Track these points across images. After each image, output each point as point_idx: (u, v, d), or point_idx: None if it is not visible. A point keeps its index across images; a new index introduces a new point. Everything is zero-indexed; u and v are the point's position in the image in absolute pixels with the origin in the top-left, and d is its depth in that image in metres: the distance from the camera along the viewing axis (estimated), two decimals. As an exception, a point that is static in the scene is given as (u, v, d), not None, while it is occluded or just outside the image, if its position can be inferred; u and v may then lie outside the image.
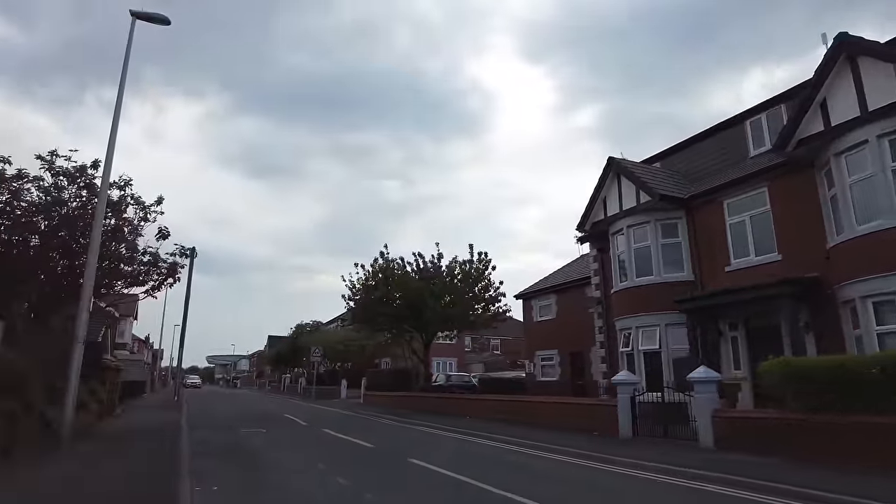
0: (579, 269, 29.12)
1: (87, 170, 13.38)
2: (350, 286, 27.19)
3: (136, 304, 57.64)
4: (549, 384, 27.52)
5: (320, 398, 40.45)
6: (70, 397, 10.43)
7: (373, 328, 27.98)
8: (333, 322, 63.48)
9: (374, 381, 35.60)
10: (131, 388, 30.89)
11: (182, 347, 36.01)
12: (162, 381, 70.11)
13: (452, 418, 21.14)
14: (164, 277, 14.74)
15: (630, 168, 20.24)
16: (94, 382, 16.08)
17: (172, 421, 19.18)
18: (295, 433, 15.95)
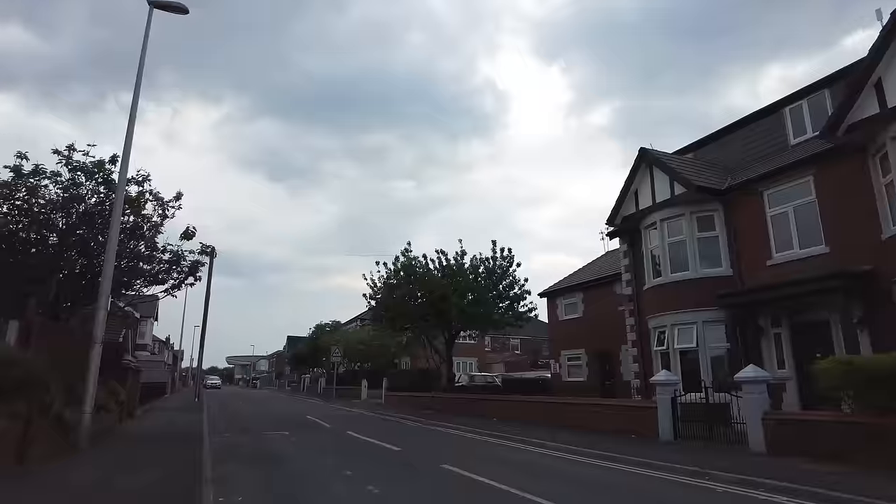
0: (606, 266, 28.33)
1: (105, 165, 12.99)
2: (371, 285, 26.66)
3: (157, 305, 58.01)
4: (576, 385, 26.79)
5: (340, 399, 40.05)
6: (88, 400, 9.99)
7: (394, 327, 27.41)
8: (352, 322, 63.18)
9: (395, 381, 35.09)
10: (152, 389, 30.69)
11: (202, 348, 35.82)
12: (182, 382, 70.41)
13: (479, 420, 20.50)
14: (184, 276, 14.32)
15: (663, 159, 19.47)
16: (113, 384, 15.69)
17: (194, 423, 18.79)
18: (319, 436, 15.42)
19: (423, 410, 25.88)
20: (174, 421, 19.60)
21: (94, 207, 13.00)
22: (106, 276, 10.38)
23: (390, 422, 21.34)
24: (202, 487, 7.55)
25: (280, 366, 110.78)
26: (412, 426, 19.61)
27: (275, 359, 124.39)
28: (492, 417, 21.28)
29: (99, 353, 10.20)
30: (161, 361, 53.04)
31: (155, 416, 21.78)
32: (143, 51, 11.83)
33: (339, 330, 57.31)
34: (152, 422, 19.22)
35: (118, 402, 16.19)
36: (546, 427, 17.27)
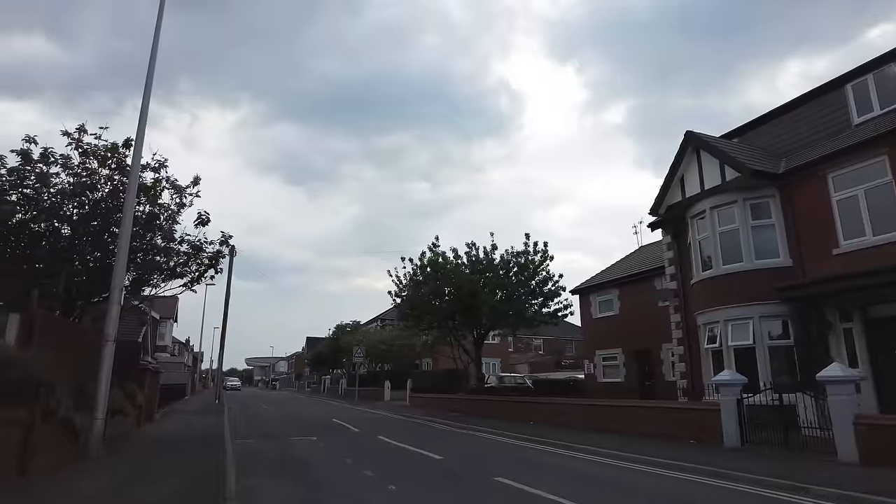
0: (643, 261, 26.99)
1: (119, 149, 12.03)
2: (396, 282, 25.58)
3: (176, 305, 57.55)
4: (613, 386, 25.48)
5: (363, 400, 39.06)
6: (100, 403, 9.00)
7: (420, 326, 26.29)
8: (373, 322, 62.26)
9: (420, 382, 34.01)
10: (172, 391, 29.92)
11: (223, 349, 35.01)
12: (202, 384, 70.06)
13: (514, 423, 19.32)
14: (204, 269, 13.29)
15: (712, 142, 18.14)
16: (131, 386, 14.78)
17: (215, 427, 17.84)
18: (350, 442, 14.34)
19: (451, 412, 24.74)
20: (194, 425, 18.67)
21: (108, 197, 12.05)
22: (119, 267, 9.41)
23: (421, 425, 20.22)
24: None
25: (299, 367, 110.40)
26: (444, 430, 18.47)
27: (294, 360, 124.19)
28: (527, 420, 20.08)
29: (112, 351, 9.22)
30: (181, 363, 52.56)
31: (174, 420, 20.90)
32: (158, 24, 10.90)
33: (360, 330, 56.36)
34: (172, 425, 18.31)
35: (135, 406, 15.28)
36: (590, 431, 16.07)
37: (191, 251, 12.74)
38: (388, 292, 25.79)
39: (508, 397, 24.87)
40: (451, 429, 18.76)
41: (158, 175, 12.55)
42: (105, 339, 9.16)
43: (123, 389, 13.98)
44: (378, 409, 29.95)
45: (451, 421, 21.03)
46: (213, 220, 12.79)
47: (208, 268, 13.08)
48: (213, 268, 13.20)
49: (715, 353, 16.86)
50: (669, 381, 23.08)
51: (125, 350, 15.66)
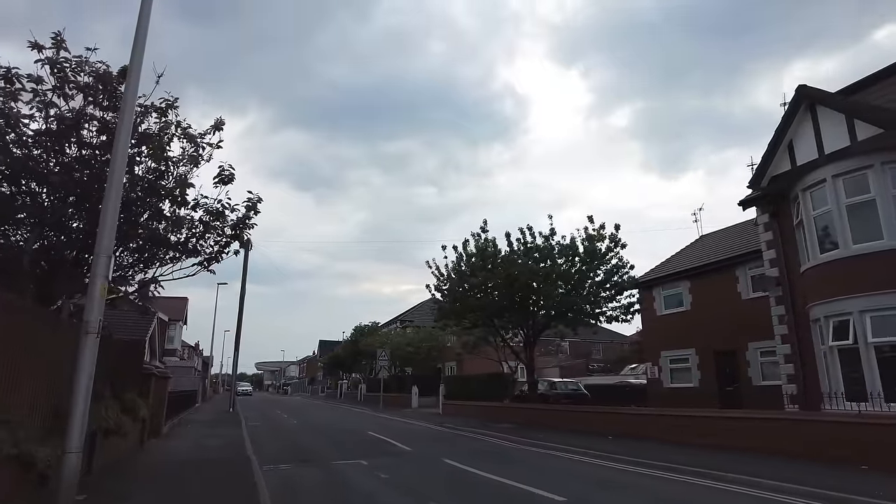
0: (715, 249, 23.73)
1: (112, 79, 8.95)
2: (437, 273, 22.37)
3: (186, 307, 54.61)
4: (684, 392, 22.20)
5: (388, 407, 35.91)
6: (75, 429, 5.89)
7: (462, 324, 23.04)
8: (391, 324, 59.15)
9: (455, 388, 30.77)
10: (182, 398, 26.88)
11: (237, 351, 31.96)
12: (213, 389, 67.15)
13: (585, 437, 16.19)
14: (225, 242, 10.03)
15: (832, 98, 14.96)
16: (131, 397, 11.70)
17: (234, 444, 14.75)
18: (412, 468, 11.18)
19: (499, 423, 21.55)
20: (210, 441, 15.59)
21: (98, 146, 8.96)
22: (105, 225, 6.34)
23: (477, 440, 17.03)
24: None
25: (311, 371, 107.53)
26: (512, 447, 15.28)
27: (305, 364, 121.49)
28: (600, 433, 16.90)
29: (94, 349, 6.11)
30: (191, 367, 49.53)
31: (185, 433, 17.83)
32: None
33: (381, 332, 53.24)
34: (182, 442, 15.23)
35: (137, 420, 12.20)
36: (695, 448, 12.97)
37: (209, 219, 9.56)
38: (427, 286, 22.62)
39: (568, 407, 21.67)
40: (518, 445, 15.59)
41: (166, 119, 9.43)
42: (85, 330, 6.07)
43: (121, 401, 10.90)
44: (410, 419, 26.80)
45: (507, 434, 17.91)
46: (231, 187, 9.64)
47: (231, 240, 9.86)
48: (237, 239, 9.92)
49: (845, 352, 13.65)
50: (759, 385, 19.83)
51: (125, 351, 12.63)
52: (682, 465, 10.67)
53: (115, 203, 6.59)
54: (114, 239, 6.62)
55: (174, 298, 53.42)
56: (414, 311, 60.07)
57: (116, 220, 6.68)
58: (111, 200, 6.55)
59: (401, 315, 61.20)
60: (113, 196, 6.58)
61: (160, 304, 41.81)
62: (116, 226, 6.81)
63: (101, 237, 6.45)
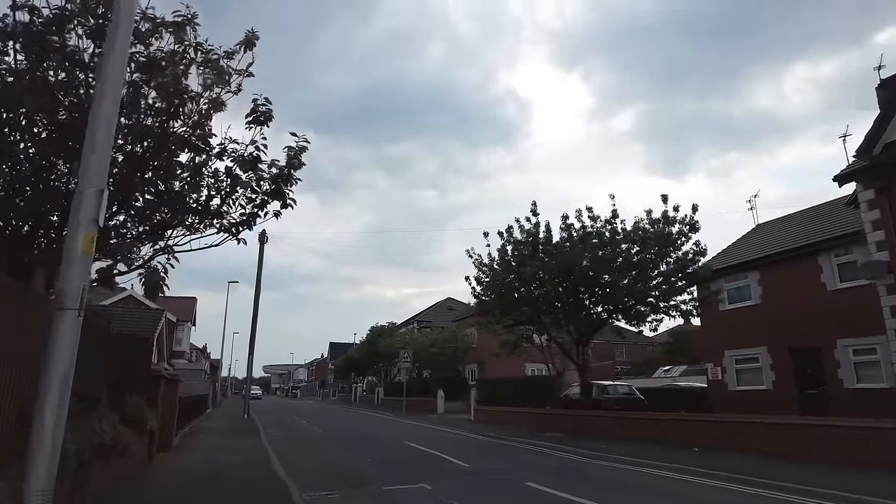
0: (783, 238, 21.29)
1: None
2: (478, 264, 19.97)
3: (195, 307, 52.41)
4: (755, 395, 19.76)
5: (411, 412, 33.56)
6: (42, 450, 3.59)
7: (504, 320, 20.62)
8: (408, 324, 56.81)
9: (485, 392, 28.35)
10: (193, 404, 24.64)
11: (252, 353, 29.62)
12: (223, 393, 64.96)
13: (663, 449, 13.94)
14: (262, 200, 7.46)
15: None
16: (137, 403, 9.43)
17: (258, 459, 12.44)
18: (493, 497, 8.84)
19: (546, 432, 19.18)
20: (228, 455, 13.29)
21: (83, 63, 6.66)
22: (96, 144, 4.07)
23: (540, 454, 14.64)
24: None
25: (321, 374, 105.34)
26: (586, 462, 12.90)
27: (314, 367, 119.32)
28: (687, 445, 14.49)
29: (74, 330, 3.81)
30: (201, 370, 47.36)
31: (199, 445, 15.53)
32: None
33: (399, 333, 50.90)
34: (196, 457, 12.93)
35: (145, 432, 9.91)
36: (834, 468, 10.54)
37: (238, 173, 7.17)
38: (466, 278, 20.26)
39: (623, 413, 19.25)
40: (590, 460, 13.21)
41: (183, 40, 7.09)
42: (60, 304, 3.79)
43: (123, 410, 8.62)
44: (441, 425, 24.45)
45: (564, 445, 15.63)
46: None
47: (269, 198, 7.41)
48: (277, 197, 7.45)
49: None
50: (853, 388, 17.36)
51: (128, 349, 10.36)
52: (824, 488, 8.45)
53: (108, 111, 4.28)
54: (106, 167, 4.30)
55: (182, 298, 51.27)
56: (431, 312, 57.76)
57: (111, 138, 4.38)
58: (104, 107, 4.25)
59: (417, 315, 58.90)
60: (107, 101, 4.28)
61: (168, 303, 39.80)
62: (111, 154, 4.53)
63: (88, 163, 4.15)
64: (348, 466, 11.95)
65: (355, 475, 10.72)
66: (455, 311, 54.08)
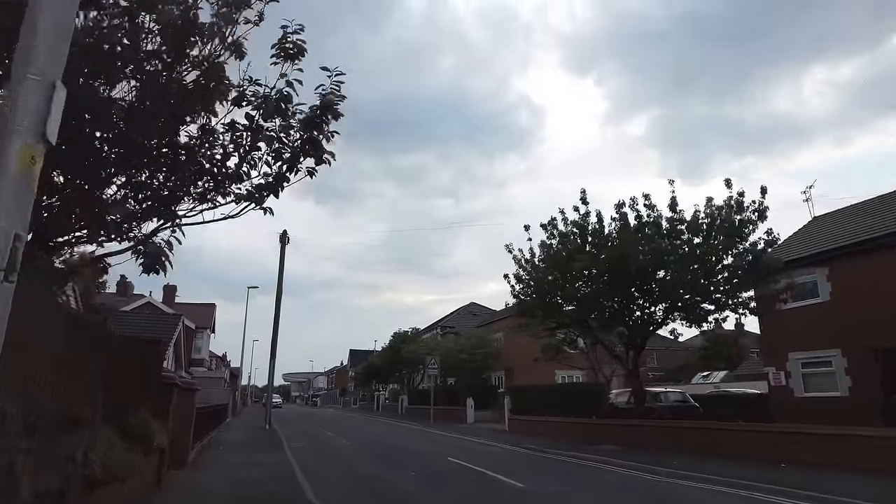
0: (847, 230, 19.36)
1: None
2: (520, 259, 18.27)
3: (214, 313, 51.29)
4: (827, 402, 17.83)
5: (439, 422, 31.87)
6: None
7: (546, 323, 18.89)
8: (430, 330, 55.19)
9: (521, 400, 26.57)
10: (212, 414, 23.23)
11: (273, 359, 28.21)
12: (243, 402, 63.84)
13: (743, 465, 12.18)
14: (292, 153, 5.71)
15: None
16: (143, 419, 7.93)
17: (285, 481, 10.87)
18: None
19: (598, 444, 17.37)
20: (250, 474, 11.77)
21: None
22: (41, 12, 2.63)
23: (601, 471, 12.92)
24: None
25: (341, 382, 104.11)
26: (652, 480, 11.18)
27: (334, 375, 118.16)
28: (770, 461, 12.66)
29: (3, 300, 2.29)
30: (220, 378, 46.11)
31: (217, 461, 14.02)
32: None
33: (423, 338, 49.31)
34: (214, 476, 11.41)
35: (151, 452, 8.39)
36: None
37: (261, 123, 5.56)
38: (505, 276, 18.57)
39: (681, 423, 17.41)
40: (647, 475, 11.53)
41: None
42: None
43: (125, 426, 7.12)
44: (476, 437, 22.75)
45: (615, 458, 14.02)
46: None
47: (301, 153, 5.74)
48: (313, 149, 5.76)
49: None
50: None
51: (134, 353, 8.87)
52: None
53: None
54: (63, 52, 2.75)
55: (201, 305, 50.22)
56: (454, 318, 56.14)
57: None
58: None
59: (441, 321, 57.28)
60: None
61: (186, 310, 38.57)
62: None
63: (28, 42, 2.61)
64: (390, 489, 10.31)
65: (398, 500, 9.10)
66: (479, 317, 52.39)
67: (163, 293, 44.60)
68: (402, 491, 9.94)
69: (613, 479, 11.47)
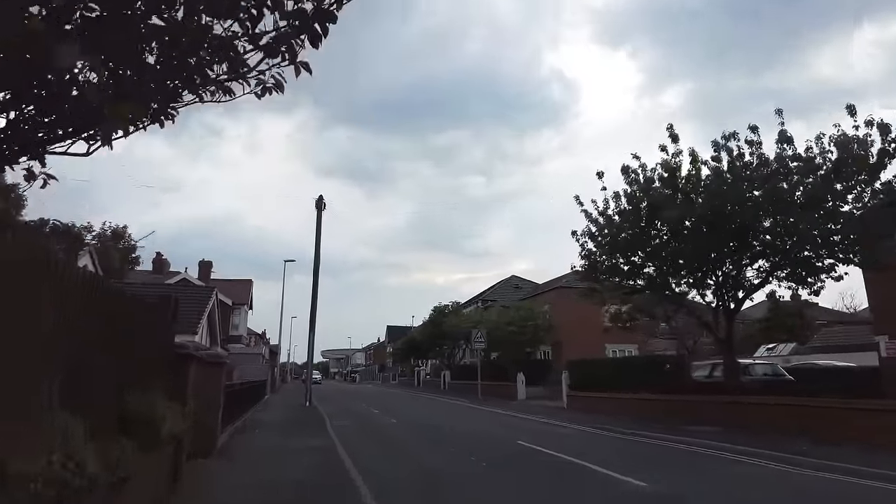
0: None
1: None
2: (594, 211, 15.67)
3: (251, 290, 49.99)
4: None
5: (488, 398, 29.78)
6: None
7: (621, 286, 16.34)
8: (472, 303, 53.08)
9: (584, 375, 24.17)
10: (249, 392, 21.58)
11: (312, 331, 26.39)
12: (282, 379, 63.10)
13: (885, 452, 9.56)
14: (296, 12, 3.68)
15: None
16: (147, 398, 5.83)
17: (333, 474, 8.79)
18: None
19: (687, 425, 14.92)
20: (287, 460, 9.76)
21: None
22: None
23: (715, 459, 10.53)
24: None
25: (379, 358, 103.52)
26: (781, 471, 8.76)
27: (372, 351, 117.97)
28: None
29: None
30: (258, 354, 44.90)
31: (251, 446, 12.06)
32: None
33: (464, 312, 47.26)
34: (245, 468, 9.41)
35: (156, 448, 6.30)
36: None
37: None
38: (572, 233, 16.06)
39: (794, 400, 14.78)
40: (776, 465, 9.12)
41: None
42: None
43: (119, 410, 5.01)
44: (536, 415, 20.55)
45: (718, 442, 11.73)
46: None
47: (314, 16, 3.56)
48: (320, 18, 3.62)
49: None
50: None
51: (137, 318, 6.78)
52: None
53: None
54: None
55: (238, 281, 48.85)
56: (496, 291, 53.92)
57: None
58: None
59: (482, 294, 55.14)
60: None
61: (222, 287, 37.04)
62: None
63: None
64: (468, 489, 8.09)
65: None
66: (522, 290, 50.12)
67: (198, 269, 43.40)
68: (486, 492, 7.74)
69: (738, 472, 9.10)
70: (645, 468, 9.19)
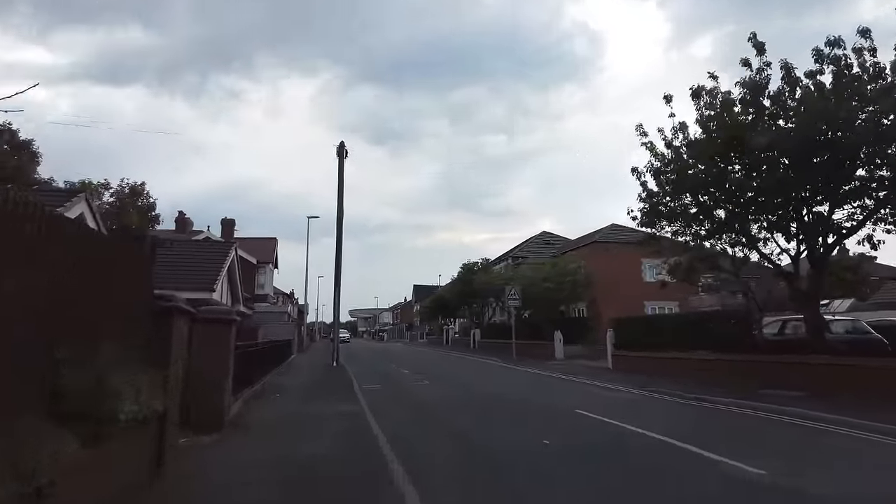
0: None
1: None
2: (653, 147, 13.48)
3: (276, 248, 48.79)
4: None
5: (523, 358, 28.12)
6: None
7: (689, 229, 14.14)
8: (501, 261, 51.16)
9: (630, 332, 22.26)
10: (271, 352, 20.22)
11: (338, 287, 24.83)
12: (310, 338, 62.56)
13: None
14: None
15: None
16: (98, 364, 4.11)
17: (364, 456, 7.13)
18: None
19: (760, 389, 12.99)
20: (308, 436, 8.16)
21: None
22: None
23: (823, 432, 8.65)
24: None
25: (406, 317, 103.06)
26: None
27: (399, 310, 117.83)
28: None
29: None
30: (284, 313, 43.92)
31: (266, 416, 10.48)
32: None
33: (496, 269, 45.43)
34: (255, 446, 7.84)
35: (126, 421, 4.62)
36: None
37: None
38: (633, 170, 13.87)
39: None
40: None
41: None
42: None
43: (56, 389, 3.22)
44: (580, 376, 18.85)
45: (809, 410, 9.98)
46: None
47: None
48: None
49: None
50: None
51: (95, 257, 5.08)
52: None
53: None
54: None
55: (261, 239, 47.68)
56: (526, 247, 51.84)
57: None
58: None
59: (512, 251, 53.10)
60: None
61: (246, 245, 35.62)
62: None
63: None
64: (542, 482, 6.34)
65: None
66: (553, 246, 48.07)
67: (221, 227, 42.11)
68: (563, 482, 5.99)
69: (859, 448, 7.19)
70: (746, 447, 7.35)
